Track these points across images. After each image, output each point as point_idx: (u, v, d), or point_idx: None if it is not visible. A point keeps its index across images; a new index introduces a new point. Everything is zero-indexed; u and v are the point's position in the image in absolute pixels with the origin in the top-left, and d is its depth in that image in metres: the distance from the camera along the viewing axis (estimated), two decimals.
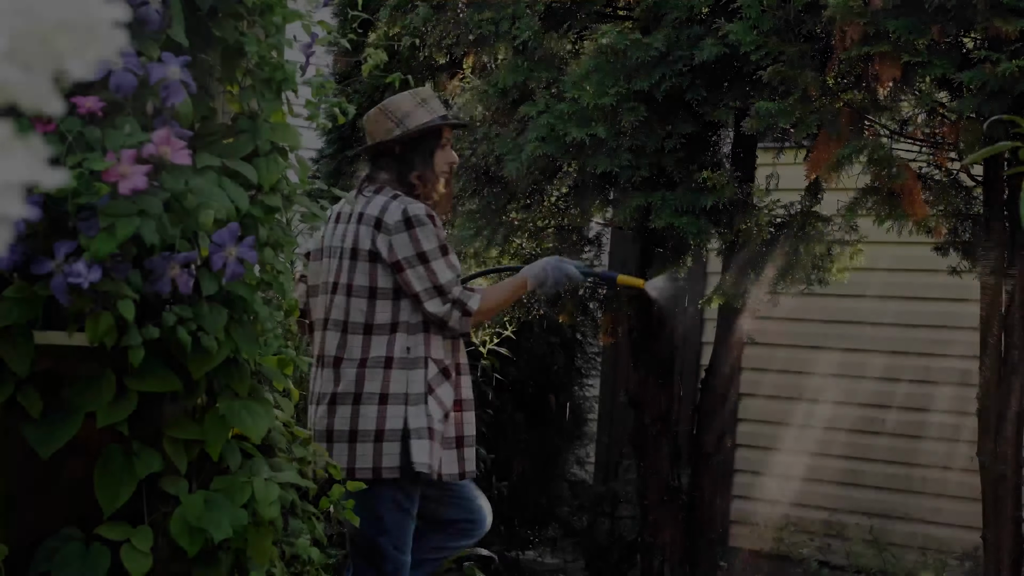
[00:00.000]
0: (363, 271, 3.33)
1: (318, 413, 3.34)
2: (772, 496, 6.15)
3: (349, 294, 3.34)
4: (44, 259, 2.40)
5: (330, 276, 3.39)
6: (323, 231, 3.45)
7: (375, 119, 3.44)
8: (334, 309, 3.36)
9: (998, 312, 4.32)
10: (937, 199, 4.53)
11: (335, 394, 3.31)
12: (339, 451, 3.30)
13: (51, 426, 2.56)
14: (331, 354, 3.35)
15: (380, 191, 3.39)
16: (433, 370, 3.31)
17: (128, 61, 2.44)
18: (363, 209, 3.38)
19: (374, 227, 3.33)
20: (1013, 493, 4.30)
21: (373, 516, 3.29)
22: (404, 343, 3.29)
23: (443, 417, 3.32)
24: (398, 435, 3.25)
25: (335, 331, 3.35)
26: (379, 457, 3.28)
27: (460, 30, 4.82)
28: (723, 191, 4.18)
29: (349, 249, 3.37)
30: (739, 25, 4.03)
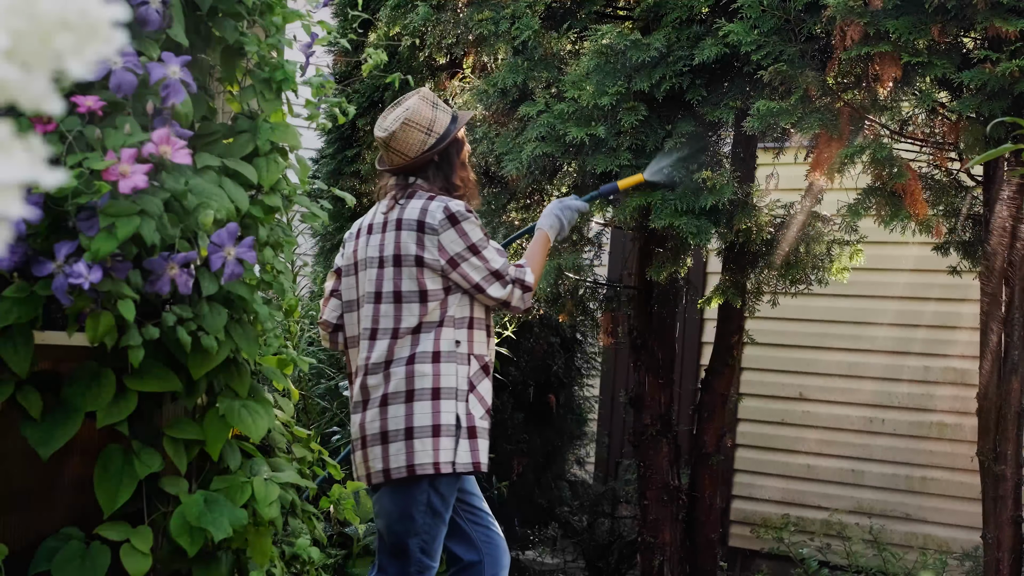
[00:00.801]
0: (410, 276, 3.29)
1: (367, 417, 3.29)
2: (772, 496, 6.16)
3: (398, 300, 3.30)
4: (45, 260, 2.40)
5: (370, 286, 3.34)
6: (352, 246, 3.42)
7: (404, 135, 3.34)
8: (382, 319, 3.31)
9: (998, 312, 4.32)
10: (937, 199, 4.53)
11: (386, 395, 3.27)
12: (396, 450, 3.26)
13: (51, 426, 2.56)
14: (380, 360, 3.30)
15: (411, 195, 3.36)
16: (475, 366, 3.33)
17: (128, 61, 2.44)
18: (400, 215, 3.33)
19: (417, 230, 3.30)
20: (1013, 493, 4.30)
21: (405, 515, 3.28)
22: (453, 336, 3.31)
23: (484, 414, 3.34)
24: (452, 430, 3.26)
25: (385, 339, 3.30)
26: (428, 453, 3.26)
27: (460, 30, 4.82)
28: (723, 191, 4.17)
29: (391, 256, 3.31)
30: (739, 25, 4.03)
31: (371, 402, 3.28)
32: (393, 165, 3.40)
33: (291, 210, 3.06)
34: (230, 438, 2.94)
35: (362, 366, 3.32)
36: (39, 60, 0.81)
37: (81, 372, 2.63)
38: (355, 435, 3.33)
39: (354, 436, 3.34)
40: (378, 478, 3.27)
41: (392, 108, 3.41)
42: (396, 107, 3.40)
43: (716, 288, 4.89)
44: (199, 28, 2.87)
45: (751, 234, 4.57)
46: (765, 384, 6.20)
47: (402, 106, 3.38)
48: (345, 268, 3.45)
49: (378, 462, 3.26)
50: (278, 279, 2.91)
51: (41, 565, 2.62)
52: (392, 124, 3.35)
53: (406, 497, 3.26)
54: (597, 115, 4.29)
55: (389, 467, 3.25)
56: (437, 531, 3.30)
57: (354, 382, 3.39)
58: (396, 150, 3.36)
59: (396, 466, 3.24)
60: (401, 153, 3.36)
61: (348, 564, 4.96)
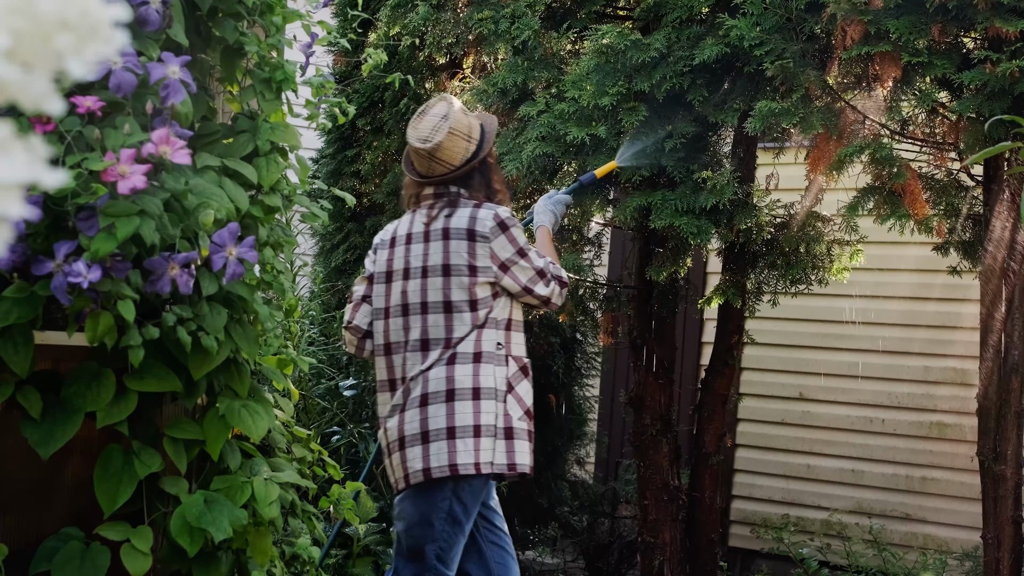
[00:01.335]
0: (460, 285, 3.27)
1: (406, 418, 3.26)
2: (772, 496, 6.16)
3: (448, 311, 3.27)
4: (44, 259, 2.39)
5: (415, 297, 3.30)
6: (387, 254, 3.37)
7: (450, 145, 3.30)
8: (432, 329, 3.26)
9: (998, 312, 4.32)
10: (937, 199, 4.53)
11: (425, 395, 3.25)
12: (437, 449, 3.23)
13: (51, 426, 2.55)
14: (416, 370, 3.27)
15: (455, 204, 3.33)
16: (514, 367, 3.33)
17: (128, 61, 2.44)
18: (446, 224, 3.28)
19: (468, 239, 3.27)
20: (1013, 493, 4.30)
21: (425, 520, 3.27)
22: (494, 338, 3.31)
23: (523, 415, 3.33)
24: (491, 431, 3.26)
25: (437, 349, 3.27)
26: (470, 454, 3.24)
27: (460, 30, 4.82)
28: (723, 191, 4.17)
29: (440, 266, 3.28)
30: (742, 21, 4.03)
31: (410, 403, 3.25)
32: (435, 174, 3.33)
33: (291, 210, 3.06)
34: (230, 438, 2.94)
35: (411, 375, 3.28)
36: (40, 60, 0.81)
37: (81, 372, 2.63)
38: (392, 438, 3.29)
39: (391, 439, 3.29)
40: (417, 477, 3.22)
41: (422, 117, 3.33)
42: (428, 116, 3.33)
43: (716, 288, 4.89)
44: (199, 28, 2.87)
45: (751, 234, 4.57)
46: (765, 384, 6.20)
47: (437, 114, 3.32)
48: (377, 275, 3.39)
49: (418, 461, 3.22)
50: (278, 279, 2.91)
51: (41, 565, 2.62)
52: (437, 134, 3.29)
53: (429, 502, 3.24)
54: (597, 115, 4.29)
55: (430, 466, 3.21)
56: (456, 540, 3.27)
57: (389, 390, 3.35)
58: (441, 160, 3.31)
59: (437, 465, 3.21)
60: (446, 162, 3.31)
61: (348, 564, 4.96)
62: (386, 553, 5.04)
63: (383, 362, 3.37)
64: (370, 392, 5.84)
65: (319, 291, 6.56)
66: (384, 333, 3.35)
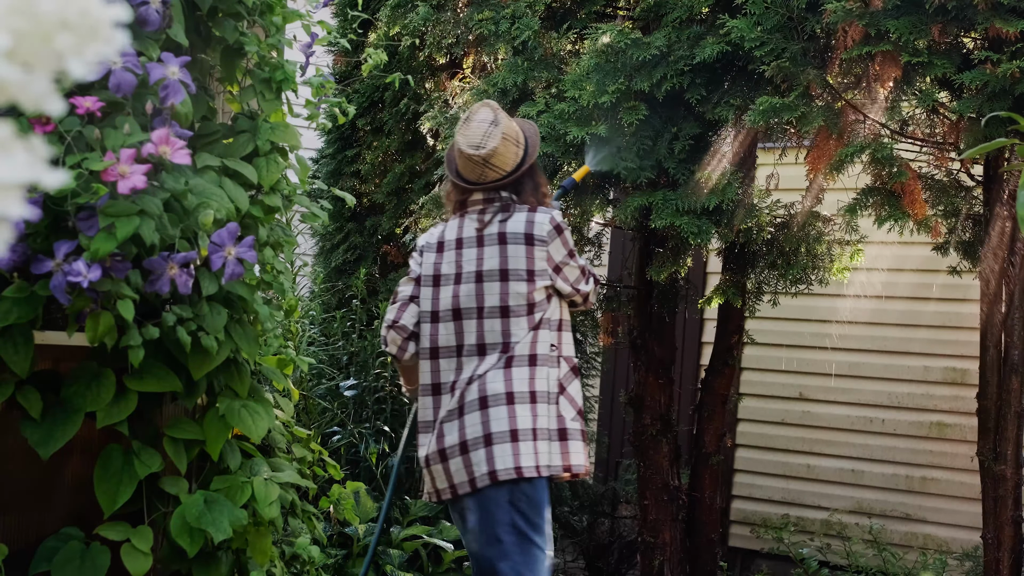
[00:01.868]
0: (518, 290, 3.27)
1: (466, 422, 3.23)
2: (772, 496, 6.16)
3: (505, 315, 3.27)
4: (44, 258, 2.39)
5: (469, 301, 3.28)
6: (434, 258, 3.34)
7: (505, 150, 3.31)
8: (488, 334, 3.25)
9: (998, 312, 4.33)
10: (937, 199, 4.53)
11: (485, 398, 3.24)
12: (501, 452, 3.22)
13: (51, 426, 2.55)
14: (475, 374, 3.26)
15: (508, 208, 3.32)
16: (565, 368, 3.33)
17: (128, 61, 2.44)
18: (502, 229, 3.28)
19: (526, 243, 3.28)
20: (1013, 493, 4.30)
21: (494, 538, 3.24)
22: (548, 340, 3.31)
23: (575, 415, 3.33)
24: (546, 433, 3.25)
25: (495, 353, 3.26)
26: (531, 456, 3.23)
27: (460, 30, 4.82)
28: (726, 190, 4.17)
29: (497, 271, 3.27)
30: (743, 21, 4.03)
31: (468, 406, 3.23)
32: (486, 180, 3.33)
33: (291, 210, 3.06)
34: (230, 438, 2.94)
35: (467, 379, 3.26)
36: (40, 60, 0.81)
37: (81, 372, 2.63)
38: (450, 443, 3.24)
39: (448, 444, 3.25)
40: (483, 481, 3.20)
41: (469, 123, 3.32)
42: (476, 122, 3.32)
43: (716, 288, 4.89)
44: (199, 28, 2.87)
45: (751, 234, 4.57)
46: (765, 384, 6.20)
47: (485, 120, 3.31)
48: (424, 278, 3.36)
49: (483, 465, 3.20)
50: (278, 279, 2.91)
51: (41, 565, 2.62)
52: (490, 140, 3.29)
53: (489, 515, 3.23)
54: (597, 114, 4.29)
55: (495, 468, 3.20)
56: (529, 551, 3.24)
57: (433, 394, 3.31)
58: (495, 166, 3.31)
59: (503, 467, 3.20)
60: (499, 168, 3.32)
61: (348, 564, 4.96)
62: (386, 553, 5.04)
63: (429, 366, 3.33)
64: (370, 392, 5.84)
65: (319, 291, 6.56)
66: (432, 337, 3.32)
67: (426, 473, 3.34)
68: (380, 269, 6.73)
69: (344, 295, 6.64)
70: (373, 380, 5.89)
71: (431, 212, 5.02)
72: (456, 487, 3.25)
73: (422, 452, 3.32)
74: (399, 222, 6.49)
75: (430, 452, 3.29)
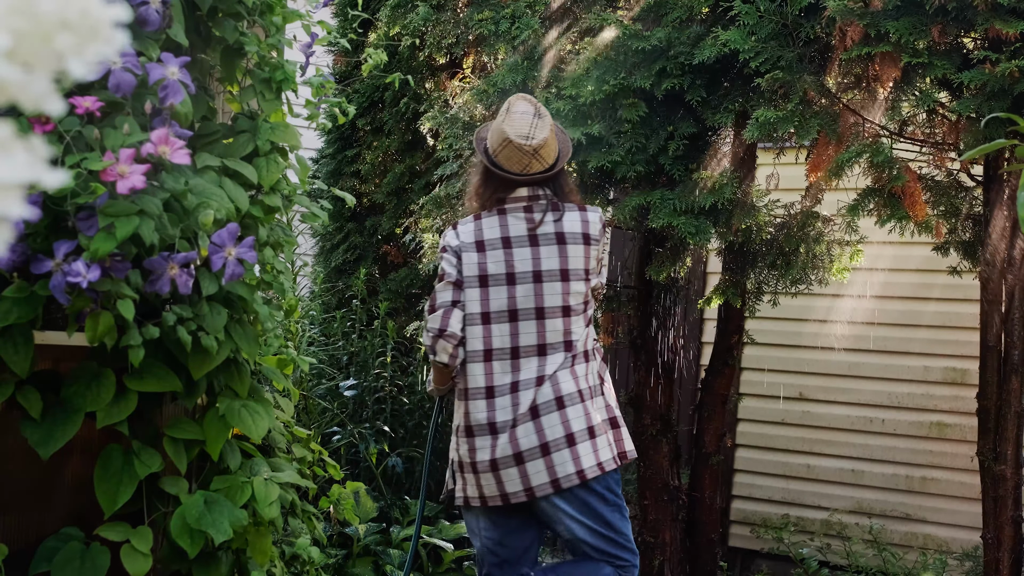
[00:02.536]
0: (578, 289, 3.26)
1: (544, 424, 3.20)
2: (772, 496, 6.16)
3: (567, 315, 3.25)
4: (44, 258, 2.39)
5: (528, 302, 3.24)
6: (476, 258, 3.25)
7: (551, 142, 3.29)
8: (550, 334, 3.22)
9: (998, 312, 4.33)
10: (937, 199, 4.53)
11: (561, 398, 3.22)
12: (584, 450, 3.23)
13: (51, 426, 2.55)
14: (554, 372, 3.23)
15: (556, 207, 3.29)
16: (598, 359, 3.36)
17: (127, 61, 2.44)
18: (559, 229, 3.25)
19: (584, 243, 3.27)
20: (1013, 493, 4.30)
21: (602, 521, 3.27)
22: (592, 335, 3.35)
23: (616, 402, 3.37)
24: (604, 426, 3.28)
25: (557, 352, 3.24)
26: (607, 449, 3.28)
27: (460, 30, 4.83)
28: (723, 190, 4.17)
29: (557, 271, 3.24)
30: (736, 32, 4.03)
31: (544, 407, 3.21)
32: (530, 172, 3.28)
33: (291, 210, 3.06)
34: (230, 438, 2.94)
35: (533, 379, 3.22)
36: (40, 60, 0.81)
37: (81, 372, 2.62)
38: (526, 445, 3.20)
39: (524, 447, 3.20)
40: (569, 481, 3.19)
41: (511, 114, 3.27)
42: (519, 113, 3.27)
43: (716, 288, 4.89)
44: (199, 28, 2.87)
45: (751, 234, 4.57)
46: (765, 384, 6.21)
47: (527, 112, 3.27)
48: (468, 280, 3.27)
49: (569, 464, 3.20)
50: (278, 279, 2.91)
51: (41, 565, 2.62)
52: (539, 131, 3.26)
53: (589, 508, 3.25)
54: (595, 113, 4.29)
55: (583, 467, 3.21)
56: (618, 522, 3.30)
57: (487, 397, 3.25)
58: (543, 157, 3.27)
59: (589, 465, 3.22)
60: (545, 160, 3.28)
61: (348, 564, 4.96)
62: (386, 553, 5.04)
63: (481, 368, 3.25)
64: (370, 392, 5.84)
65: (319, 291, 6.56)
66: (484, 339, 3.25)
67: (471, 477, 3.27)
68: (380, 269, 6.73)
69: (344, 295, 6.64)
70: (373, 380, 5.89)
71: (431, 212, 5.01)
72: (534, 489, 3.20)
73: (478, 456, 3.23)
74: (399, 222, 6.49)
75: (498, 456, 3.21)
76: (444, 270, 3.30)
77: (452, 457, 3.35)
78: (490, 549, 3.36)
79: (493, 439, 3.22)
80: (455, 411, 3.35)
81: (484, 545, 3.36)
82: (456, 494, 3.33)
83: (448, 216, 4.97)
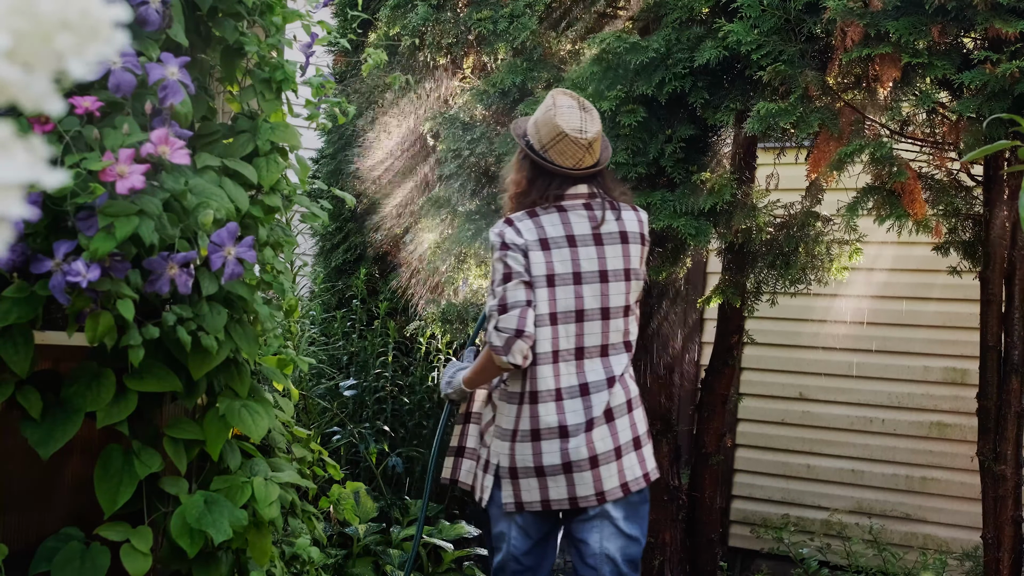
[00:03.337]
0: (636, 289, 3.25)
1: (618, 427, 3.18)
2: (772, 496, 6.16)
3: (627, 314, 3.23)
4: (43, 258, 2.39)
5: (594, 302, 3.18)
6: (543, 256, 3.15)
7: (604, 141, 3.27)
8: (612, 334, 3.19)
9: (998, 312, 4.33)
10: (937, 199, 4.53)
11: (630, 400, 3.22)
12: (648, 453, 3.24)
13: (51, 426, 2.55)
14: (620, 373, 3.20)
15: (614, 205, 3.24)
16: None
17: (127, 61, 2.44)
18: (622, 228, 3.21)
19: (641, 243, 3.25)
20: (1013, 493, 4.30)
21: (640, 531, 3.25)
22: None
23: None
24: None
25: (619, 353, 3.21)
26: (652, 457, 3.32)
27: (460, 30, 4.82)
28: (723, 192, 4.17)
29: (621, 271, 3.20)
30: (739, 25, 4.03)
31: (618, 410, 3.19)
32: (583, 167, 3.21)
33: (291, 210, 3.06)
34: (230, 438, 2.94)
35: (603, 380, 3.18)
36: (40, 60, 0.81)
37: (81, 372, 2.62)
38: (602, 448, 3.16)
39: (600, 451, 3.16)
40: (637, 484, 3.19)
41: (557, 108, 3.19)
42: (564, 107, 3.20)
43: (716, 288, 4.89)
44: (199, 28, 2.87)
45: (751, 234, 4.57)
46: (765, 384, 6.21)
47: (572, 106, 3.21)
48: (536, 279, 3.16)
49: (636, 468, 3.20)
50: (278, 279, 2.91)
51: (41, 565, 2.62)
52: (592, 124, 3.20)
53: (642, 516, 3.25)
54: None
55: (647, 470, 3.23)
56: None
57: (557, 399, 3.17)
58: (595, 151, 3.22)
59: (652, 467, 3.24)
60: (595, 154, 3.23)
61: (348, 564, 4.96)
62: (386, 553, 5.04)
63: (550, 370, 3.16)
64: (370, 392, 5.84)
65: (319, 291, 6.56)
66: (552, 340, 3.15)
67: (532, 482, 3.19)
68: (380, 269, 6.73)
69: (344, 295, 6.64)
70: (373, 380, 5.89)
71: (431, 212, 5.02)
72: (605, 494, 3.16)
73: (545, 460, 3.16)
74: (399, 222, 6.49)
75: (572, 459, 3.14)
76: (511, 268, 3.15)
77: (495, 462, 3.24)
78: (516, 557, 3.30)
79: (563, 442, 3.14)
80: (502, 415, 3.24)
81: (511, 552, 3.31)
82: (503, 500, 3.22)
83: (448, 216, 4.97)
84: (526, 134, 3.29)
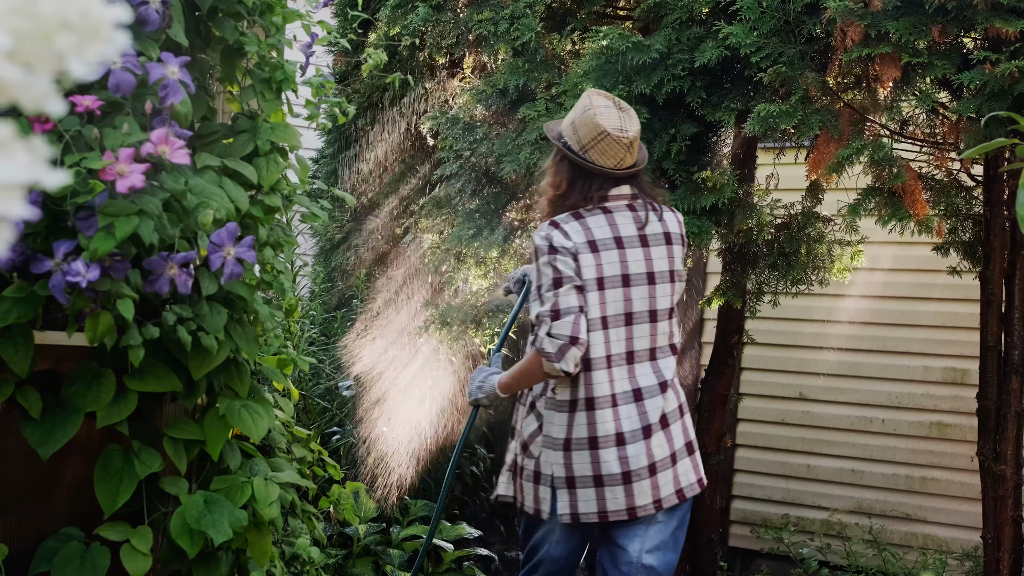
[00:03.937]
0: (679, 291, 3.22)
1: (673, 432, 3.15)
2: (772, 496, 6.16)
3: (671, 316, 3.19)
4: (43, 258, 2.39)
5: (643, 304, 3.12)
6: (592, 259, 3.08)
7: (640, 144, 3.23)
8: (660, 337, 3.14)
9: (998, 312, 4.33)
10: (938, 199, 4.53)
11: (681, 406, 3.20)
12: (698, 460, 3.23)
13: (51, 426, 2.55)
14: (670, 377, 3.17)
15: (655, 206, 3.20)
16: None
17: (127, 61, 2.44)
18: (665, 229, 3.17)
19: (681, 244, 3.22)
20: (1013, 493, 4.30)
21: (674, 546, 3.21)
22: None
23: None
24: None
25: (665, 356, 3.17)
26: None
27: (460, 30, 4.82)
28: (723, 191, 4.17)
29: (666, 272, 3.16)
30: (738, 27, 4.03)
31: (671, 415, 3.16)
32: (623, 167, 3.16)
33: (291, 210, 3.06)
34: (230, 438, 2.94)
35: (656, 385, 3.13)
36: (41, 61, 0.82)
37: (81, 372, 2.62)
38: (660, 456, 3.12)
39: (659, 457, 3.11)
40: (692, 490, 3.18)
41: (595, 108, 3.14)
42: (602, 107, 3.15)
43: (716, 288, 4.89)
44: (199, 28, 2.87)
45: (751, 234, 4.57)
46: (765, 384, 6.21)
47: (609, 105, 3.16)
48: (588, 283, 3.08)
49: (691, 473, 3.18)
50: (278, 279, 2.91)
51: (41, 565, 2.62)
52: (632, 123, 3.15)
53: (684, 523, 3.24)
54: None
55: (701, 475, 3.23)
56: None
57: (613, 405, 3.10)
58: (634, 150, 3.17)
59: (703, 474, 3.25)
60: (634, 153, 3.18)
61: (348, 564, 4.96)
62: (386, 553, 5.04)
63: (605, 376, 3.09)
64: None
65: (319, 291, 6.56)
66: (605, 344, 3.08)
67: (589, 492, 3.11)
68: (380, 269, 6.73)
69: (344, 295, 6.64)
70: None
71: (431, 212, 5.01)
72: (662, 501, 3.12)
73: (603, 469, 3.08)
74: (399, 222, 6.49)
75: (632, 468, 3.08)
76: (562, 272, 3.06)
77: (549, 472, 3.17)
78: (555, 558, 3.26)
79: (621, 450, 3.08)
80: (551, 424, 3.16)
81: (550, 554, 3.26)
82: (559, 511, 3.14)
83: (448, 216, 4.97)
84: (562, 135, 3.22)
